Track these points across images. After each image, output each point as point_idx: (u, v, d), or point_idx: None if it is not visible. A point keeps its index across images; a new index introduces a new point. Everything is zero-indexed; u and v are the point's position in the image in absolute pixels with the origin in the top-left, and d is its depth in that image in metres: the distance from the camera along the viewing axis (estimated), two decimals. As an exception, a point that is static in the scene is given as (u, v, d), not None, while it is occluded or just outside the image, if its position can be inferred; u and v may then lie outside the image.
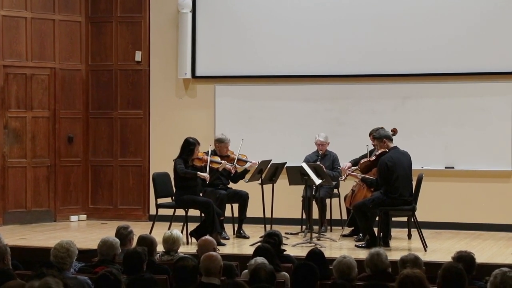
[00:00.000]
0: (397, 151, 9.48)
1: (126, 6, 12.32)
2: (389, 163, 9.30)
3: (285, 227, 10.66)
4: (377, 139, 9.59)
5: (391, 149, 9.47)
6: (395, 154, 9.42)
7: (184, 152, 9.92)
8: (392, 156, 9.37)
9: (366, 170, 9.75)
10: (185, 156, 9.90)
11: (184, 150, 9.93)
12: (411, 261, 5.97)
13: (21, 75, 11.85)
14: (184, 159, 9.90)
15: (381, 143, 9.53)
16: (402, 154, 9.49)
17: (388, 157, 9.36)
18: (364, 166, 9.72)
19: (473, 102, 11.08)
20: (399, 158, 9.39)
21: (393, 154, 9.41)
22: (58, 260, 6.10)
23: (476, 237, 10.47)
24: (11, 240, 9.87)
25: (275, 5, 11.78)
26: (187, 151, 9.91)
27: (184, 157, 9.90)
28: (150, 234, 7.55)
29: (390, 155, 9.38)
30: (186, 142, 9.97)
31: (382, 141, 9.51)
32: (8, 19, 11.70)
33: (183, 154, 9.92)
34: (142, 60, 12.28)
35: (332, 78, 11.58)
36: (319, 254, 6.45)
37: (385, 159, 9.34)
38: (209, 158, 10.03)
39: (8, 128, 11.76)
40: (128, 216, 12.15)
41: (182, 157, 9.91)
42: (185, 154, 9.91)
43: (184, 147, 9.95)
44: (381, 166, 9.34)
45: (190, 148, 9.90)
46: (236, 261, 7.06)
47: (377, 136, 9.61)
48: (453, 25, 11.14)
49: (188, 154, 9.91)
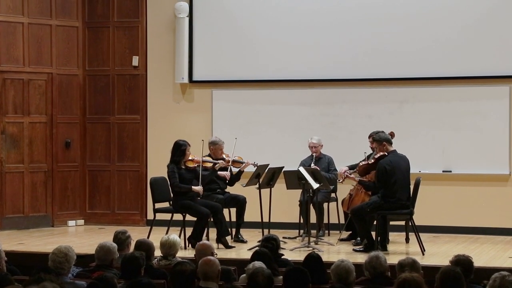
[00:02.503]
0: (396, 155, 9.48)
1: (123, 11, 12.33)
2: (388, 166, 9.31)
3: (283, 231, 10.67)
4: (377, 141, 9.58)
5: (390, 153, 9.48)
6: (394, 158, 9.43)
7: (175, 154, 9.92)
8: (391, 160, 9.38)
9: (364, 172, 9.75)
10: (177, 157, 9.90)
11: (175, 153, 9.93)
12: (409, 265, 5.96)
13: (18, 80, 11.85)
14: (176, 161, 9.89)
15: (380, 146, 9.53)
16: (400, 158, 9.49)
17: (387, 161, 9.36)
18: (363, 169, 9.71)
19: (470, 106, 11.10)
20: (397, 162, 9.40)
21: (392, 158, 9.41)
22: (56, 265, 6.09)
23: (474, 241, 10.47)
24: (9, 245, 9.87)
25: (272, 9, 11.80)
26: (178, 153, 9.91)
27: (176, 159, 9.90)
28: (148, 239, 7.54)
29: (389, 159, 9.39)
30: (176, 145, 9.98)
31: (382, 144, 9.51)
32: (5, 24, 11.70)
33: (175, 156, 9.92)
34: (139, 65, 12.28)
35: (329, 82, 11.59)
36: (317, 258, 6.44)
37: (384, 163, 9.35)
38: (202, 158, 10.02)
39: (5, 133, 11.75)
40: (125, 221, 12.14)
41: (174, 159, 9.90)
42: (176, 155, 9.91)
43: (175, 149, 9.95)
44: (380, 169, 9.35)
45: (182, 149, 9.90)
46: (234, 266, 7.05)
47: (377, 138, 9.60)
48: (450, 28, 11.16)
49: (180, 155, 9.90)
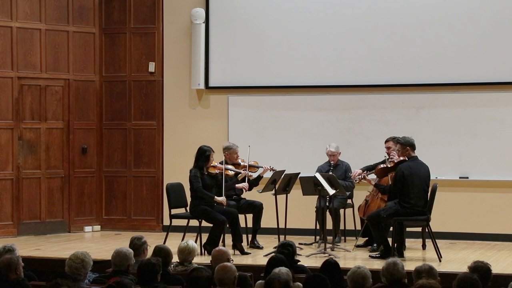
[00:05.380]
0: (416, 162, 9.45)
1: (140, 17, 12.37)
2: (406, 171, 9.29)
3: (299, 237, 10.66)
4: (402, 144, 9.51)
5: (411, 158, 9.44)
6: (413, 163, 9.40)
7: (200, 159, 9.91)
8: (410, 165, 9.36)
9: (382, 174, 9.72)
10: (201, 163, 9.90)
11: (200, 158, 9.92)
12: (426, 272, 5.93)
13: (35, 86, 11.91)
14: (200, 166, 9.90)
15: (403, 150, 9.48)
16: (420, 165, 9.45)
17: (406, 166, 9.34)
18: (381, 170, 9.69)
19: (487, 112, 11.05)
20: (417, 168, 9.36)
21: (411, 164, 9.39)
22: (73, 271, 6.11)
23: (491, 248, 10.42)
24: (26, 251, 9.91)
25: (288, 15, 11.80)
26: (203, 158, 9.90)
27: (200, 165, 9.90)
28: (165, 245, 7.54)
29: (409, 164, 9.37)
30: (201, 150, 9.97)
31: (405, 148, 9.47)
32: (22, 31, 11.77)
33: (199, 162, 9.91)
34: (155, 71, 12.31)
35: (345, 88, 11.57)
36: (335, 264, 6.42)
37: (403, 167, 9.33)
38: (224, 166, 10.03)
39: (22, 139, 11.81)
40: (142, 227, 12.17)
41: (198, 164, 9.91)
42: (201, 161, 9.90)
43: (200, 154, 9.94)
44: (398, 173, 9.33)
45: (206, 155, 9.90)
46: (250, 272, 7.04)
47: (403, 142, 9.52)
48: (466, 34, 11.12)
49: (204, 161, 9.90)
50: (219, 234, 9.75)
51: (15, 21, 11.71)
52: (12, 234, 11.63)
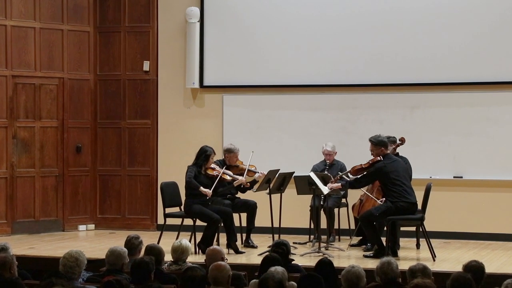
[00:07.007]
0: (390, 157, 9.54)
1: (134, 16, 12.36)
2: (384, 168, 9.37)
3: (293, 236, 10.66)
4: (375, 145, 9.52)
5: (385, 156, 9.47)
6: (388, 160, 9.47)
7: (199, 158, 9.93)
8: (385, 163, 9.42)
9: (356, 173, 9.67)
10: (201, 162, 9.91)
11: (200, 156, 9.94)
12: (420, 271, 5.93)
13: (29, 85, 11.89)
14: (198, 165, 9.90)
15: (377, 150, 9.49)
16: (396, 160, 9.56)
17: (381, 164, 9.42)
18: (356, 170, 9.67)
19: (481, 112, 11.07)
20: (393, 163, 9.44)
21: (386, 161, 9.45)
22: (67, 270, 6.10)
23: (485, 247, 10.43)
24: (20, 249, 9.90)
25: (283, 15, 11.80)
26: (203, 157, 9.92)
27: (199, 163, 9.91)
28: (157, 244, 7.54)
29: (384, 162, 9.43)
30: (202, 149, 10.00)
31: (379, 148, 9.48)
32: (17, 29, 11.75)
33: (199, 160, 9.93)
34: (150, 69, 12.30)
35: (340, 87, 11.58)
36: (329, 264, 6.42)
37: (379, 165, 9.40)
38: (223, 170, 10.04)
39: (16, 138, 11.79)
40: (136, 226, 12.16)
41: (197, 163, 9.92)
42: (200, 160, 9.92)
43: (200, 153, 9.96)
44: (378, 172, 9.37)
45: (206, 155, 9.91)
46: (244, 271, 7.04)
47: (375, 142, 9.53)
48: (461, 34, 11.13)
49: (204, 160, 9.91)
50: (213, 233, 9.75)
51: (9, 20, 11.68)
52: (6, 233, 11.61)
